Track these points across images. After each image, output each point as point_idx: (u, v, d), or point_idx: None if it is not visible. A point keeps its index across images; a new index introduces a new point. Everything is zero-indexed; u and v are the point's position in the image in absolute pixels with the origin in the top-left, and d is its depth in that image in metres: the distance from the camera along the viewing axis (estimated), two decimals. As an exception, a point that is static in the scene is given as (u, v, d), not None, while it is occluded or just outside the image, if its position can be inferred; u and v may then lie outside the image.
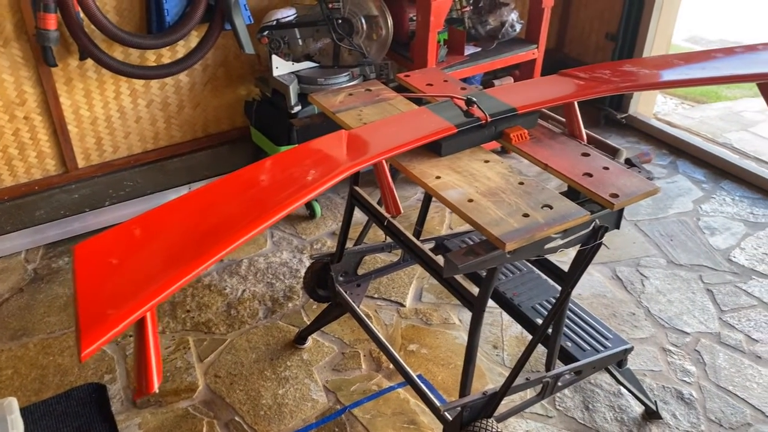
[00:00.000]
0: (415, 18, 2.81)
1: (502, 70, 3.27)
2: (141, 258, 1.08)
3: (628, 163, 1.59)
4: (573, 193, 1.51)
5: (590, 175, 1.47)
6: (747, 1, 6.34)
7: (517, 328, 2.28)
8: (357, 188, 1.90)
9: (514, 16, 3.07)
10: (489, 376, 2.13)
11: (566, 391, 2.06)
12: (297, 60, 2.72)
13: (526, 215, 1.34)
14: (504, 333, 2.30)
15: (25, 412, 1.96)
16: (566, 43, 3.88)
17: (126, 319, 0.95)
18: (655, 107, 3.78)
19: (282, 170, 1.35)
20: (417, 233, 2.15)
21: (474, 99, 1.59)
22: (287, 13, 2.72)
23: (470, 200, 1.39)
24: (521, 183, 1.45)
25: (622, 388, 2.02)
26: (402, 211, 1.57)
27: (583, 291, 2.47)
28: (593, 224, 1.45)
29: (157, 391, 1.85)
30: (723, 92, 4.24)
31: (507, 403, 1.78)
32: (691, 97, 4.16)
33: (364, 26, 2.74)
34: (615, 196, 1.40)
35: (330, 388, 2.09)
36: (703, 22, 5.70)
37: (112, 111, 2.72)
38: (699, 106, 4.06)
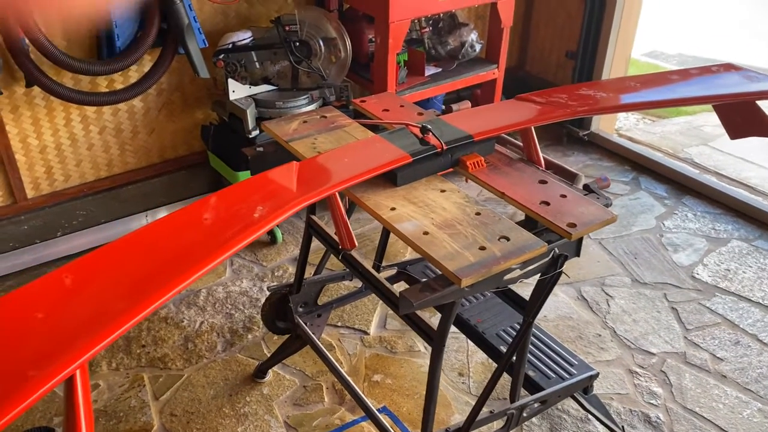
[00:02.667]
0: (374, 39, 2.78)
1: (465, 89, 3.26)
2: (70, 310, 1.01)
3: (587, 188, 1.56)
4: (531, 221, 1.48)
5: (547, 204, 1.44)
6: (704, 16, 6.48)
7: (483, 354, 2.24)
8: (314, 217, 1.85)
9: (473, 36, 3.07)
10: (455, 405, 2.08)
11: (533, 418, 2.02)
12: (254, 83, 2.66)
13: (482, 248, 1.30)
14: (470, 359, 2.25)
15: (-34, 462, 1.85)
16: (527, 62, 3.89)
17: (51, 380, 0.88)
18: (617, 123, 3.81)
19: (227, 207, 1.29)
20: (376, 267, 2.09)
21: (429, 126, 1.56)
22: (243, 36, 2.66)
23: (425, 233, 1.35)
24: (478, 213, 1.41)
25: (589, 414, 1.99)
26: (356, 245, 1.52)
27: (548, 313, 2.44)
28: (552, 253, 1.42)
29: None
30: (683, 107, 4.29)
31: (472, 436, 1.73)
32: (653, 113, 4.21)
33: (323, 48, 2.70)
34: (573, 225, 1.37)
35: (291, 424, 2.02)
36: (662, 36, 5.80)
37: (62, 138, 2.63)
38: (660, 121, 4.10)
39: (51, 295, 1.03)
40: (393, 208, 1.44)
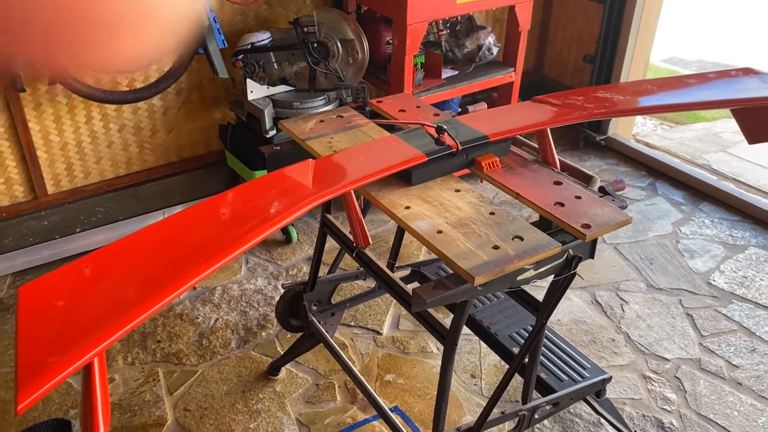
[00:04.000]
0: (391, 41, 2.79)
1: (481, 92, 3.26)
2: (90, 299, 1.03)
3: (602, 191, 1.56)
4: (545, 222, 1.48)
5: (562, 205, 1.44)
6: (724, 22, 6.42)
7: (496, 356, 2.24)
8: (329, 216, 1.86)
9: (491, 39, 3.07)
10: (466, 407, 2.08)
11: (545, 421, 2.01)
12: (272, 84, 2.69)
13: (496, 247, 1.31)
14: (482, 361, 2.25)
15: (-16, 451, 1.88)
16: (545, 65, 3.89)
17: (69, 366, 0.90)
18: (635, 128, 3.78)
19: (244, 202, 1.31)
20: (390, 266, 2.10)
21: (445, 127, 1.56)
22: (262, 37, 2.69)
23: (439, 231, 1.36)
24: (492, 213, 1.42)
25: (601, 418, 1.98)
26: (371, 243, 1.53)
27: (562, 317, 2.44)
28: (566, 255, 1.42)
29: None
30: (701, 113, 4.26)
31: (483, 437, 1.73)
32: (670, 119, 4.18)
33: (340, 50, 2.71)
34: (587, 226, 1.37)
35: (303, 422, 2.03)
36: (681, 42, 5.76)
37: (83, 136, 2.67)
38: (678, 127, 4.07)
39: (71, 285, 1.05)
40: (407, 207, 1.45)
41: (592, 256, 1.50)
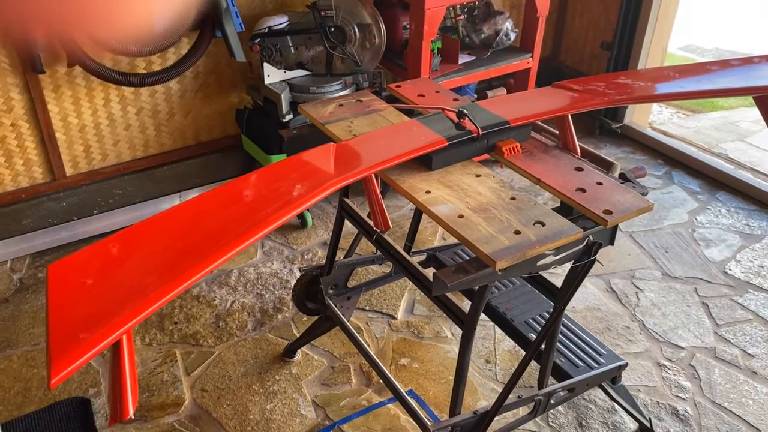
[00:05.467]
0: (408, 26, 2.78)
1: (497, 79, 3.25)
2: (117, 277, 1.05)
3: (623, 177, 1.56)
4: (566, 208, 1.48)
5: (583, 191, 1.44)
6: (742, 10, 6.34)
7: (510, 342, 2.25)
8: (347, 200, 1.87)
9: (508, 24, 3.05)
10: (481, 392, 2.10)
11: (560, 407, 2.02)
12: (289, 68, 2.69)
13: (517, 232, 1.31)
14: (497, 347, 2.26)
15: (6, 427, 1.92)
16: (562, 52, 3.86)
17: (100, 343, 0.91)
18: (651, 117, 3.76)
19: (267, 185, 1.32)
20: (407, 249, 2.11)
21: (465, 111, 1.56)
22: (279, 21, 2.68)
23: (460, 216, 1.36)
24: (513, 198, 1.42)
25: (616, 404, 1.99)
26: (390, 226, 1.53)
27: (577, 304, 2.44)
28: (587, 240, 1.42)
29: (133, 417, 1.81)
30: (719, 102, 4.22)
31: (499, 420, 1.75)
32: (687, 107, 4.15)
33: (357, 34, 2.71)
34: (608, 212, 1.37)
35: (319, 403, 2.05)
36: (699, 30, 5.70)
37: (101, 118, 2.69)
38: (694, 116, 4.04)
39: (99, 263, 1.06)
40: (428, 191, 1.45)
41: (612, 243, 1.50)
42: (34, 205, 2.67)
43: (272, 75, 2.64)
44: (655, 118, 3.88)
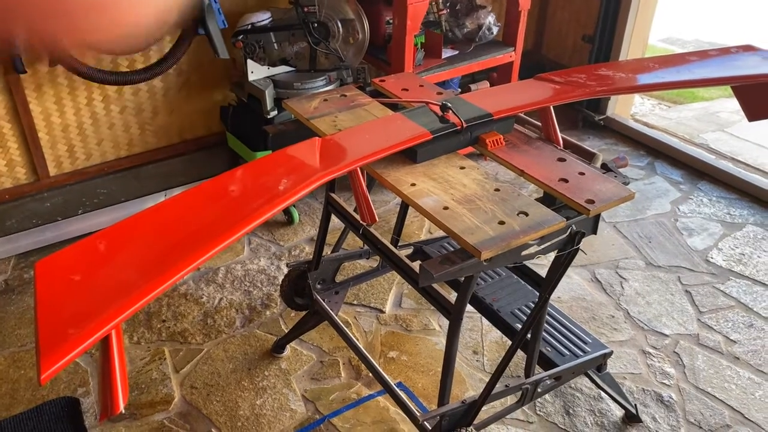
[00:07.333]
0: (391, 21, 2.79)
1: (480, 72, 3.27)
2: (105, 273, 1.05)
3: (605, 167, 1.58)
4: (549, 198, 1.50)
5: (566, 181, 1.46)
6: (722, 2, 6.41)
7: (497, 333, 2.27)
8: (333, 195, 1.88)
9: (491, 18, 3.07)
10: (469, 382, 2.12)
11: (547, 395, 2.05)
12: (273, 64, 2.69)
13: (501, 222, 1.33)
14: (484, 338, 2.29)
15: (-6, 428, 1.90)
16: (544, 45, 3.88)
17: (88, 338, 0.92)
18: (633, 108, 3.80)
19: (253, 180, 1.32)
20: (394, 242, 2.12)
21: (449, 104, 1.58)
22: (262, 17, 2.68)
23: (445, 208, 1.38)
24: (497, 189, 1.44)
25: (602, 392, 2.02)
26: (377, 220, 1.54)
27: (562, 294, 2.47)
28: (570, 230, 1.44)
29: (123, 412, 1.81)
30: (699, 93, 4.27)
31: (487, 410, 1.77)
32: (668, 98, 4.19)
33: (341, 30, 2.71)
34: (591, 201, 1.39)
35: (309, 398, 2.06)
36: (679, 22, 5.76)
37: (84, 117, 2.67)
38: (676, 107, 4.09)
39: (86, 260, 1.07)
40: (413, 184, 1.46)
41: (595, 232, 1.52)
42: (17, 205, 2.65)
43: (256, 71, 2.64)
44: (637, 110, 3.92)
